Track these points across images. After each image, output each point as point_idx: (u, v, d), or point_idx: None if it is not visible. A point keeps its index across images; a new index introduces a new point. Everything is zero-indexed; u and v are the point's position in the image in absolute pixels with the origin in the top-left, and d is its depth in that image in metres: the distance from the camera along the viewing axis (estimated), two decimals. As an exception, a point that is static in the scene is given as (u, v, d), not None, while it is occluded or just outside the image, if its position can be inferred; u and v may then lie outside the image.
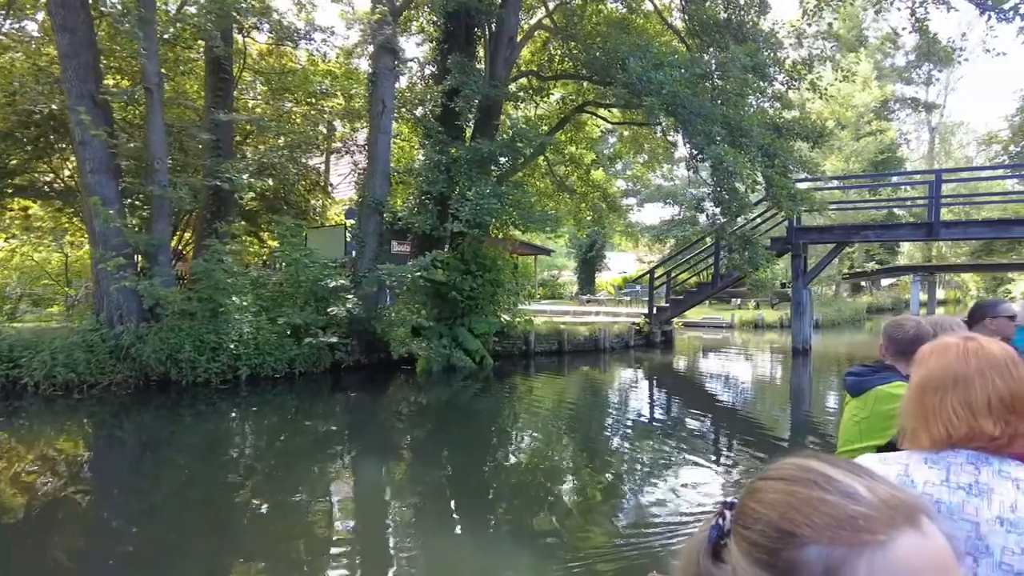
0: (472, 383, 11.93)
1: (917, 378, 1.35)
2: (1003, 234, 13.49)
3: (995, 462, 1.23)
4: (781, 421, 10.73)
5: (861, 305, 31.53)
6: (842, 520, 0.59)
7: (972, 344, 1.32)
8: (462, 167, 11.23)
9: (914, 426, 1.31)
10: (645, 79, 9.68)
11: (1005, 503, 1.18)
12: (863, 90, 30.33)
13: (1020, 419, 1.24)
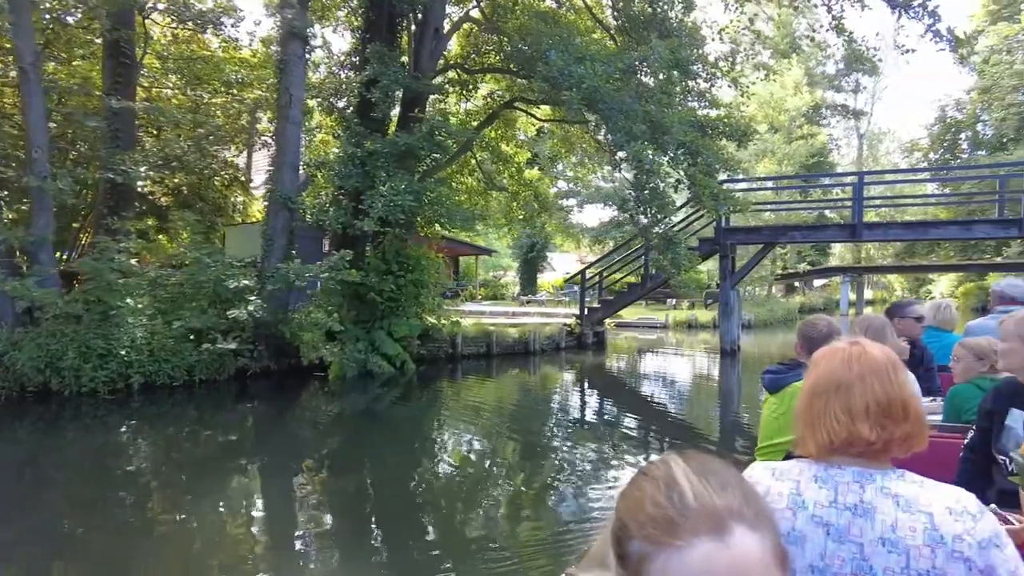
0: (391, 389, 11.36)
1: (806, 384, 1.38)
2: (921, 236, 13.76)
3: (878, 478, 1.26)
4: (710, 421, 10.62)
5: (793, 305, 32.26)
6: (657, 520, 0.64)
7: (856, 349, 1.34)
8: (378, 161, 10.64)
9: (802, 432, 1.34)
10: (566, 72, 9.34)
11: (887, 523, 1.20)
12: (795, 95, 31.01)
13: (895, 424, 1.26)
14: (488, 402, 11.06)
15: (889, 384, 1.30)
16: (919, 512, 1.20)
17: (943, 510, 1.19)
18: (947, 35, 10.53)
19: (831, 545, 1.24)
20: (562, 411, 10.87)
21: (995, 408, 2.28)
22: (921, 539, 1.18)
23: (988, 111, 37.86)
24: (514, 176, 15.75)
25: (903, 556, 1.18)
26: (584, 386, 13.40)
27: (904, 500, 1.22)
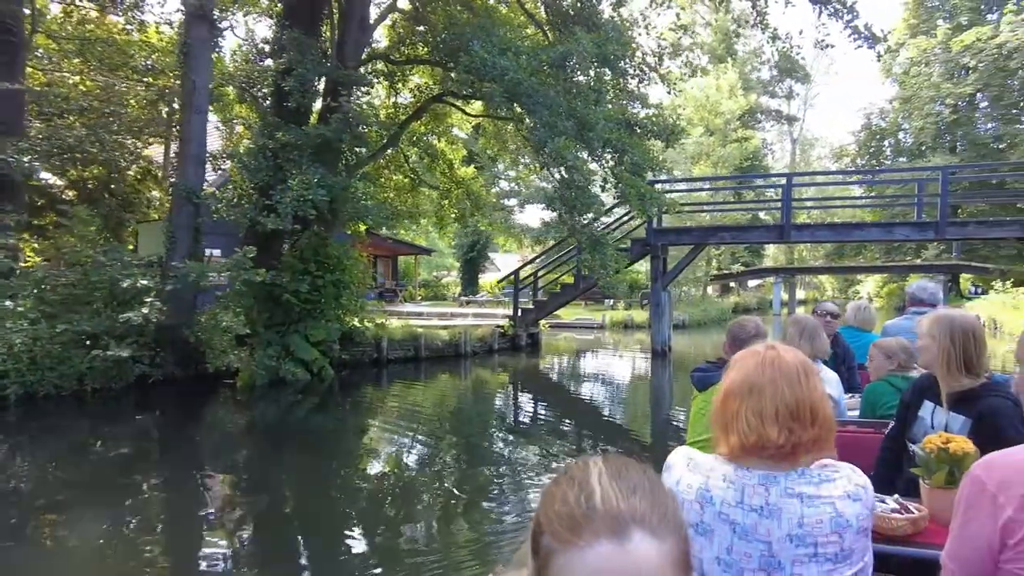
0: (308, 397, 10.72)
1: (723, 386, 1.42)
2: (845, 237, 13.98)
3: (782, 479, 1.31)
4: (642, 421, 10.50)
5: (727, 305, 32.84)
6: (564, 518, 0.66)
7: (770, 353, 1.39)
8: (291, 154, 9.99)
9: (717, 433, 1.39)
10: (490, 64, 8.94)
11: (793, 520, 1.27)
12: (730, 98, 31.54)
13: (803, 428, 1.30)
14: (415, 408, 10.60)
15: (799, 388, 1.33)
16: (823, 505, 1.27)
17: (843, 496, 1.28)
18: (865, 32, 10.65)
19: (737, 542, 1.30)
20: (493, 415, 10.51)
21: (912, 400, 2.44)
22: (828, 528, 1.26)
23: (908, 120, 39.54)
24: (446, 173, 15.25)
25: (811, 547, 1.25)
26: (517, 389, 13.05)
27: (807, 496, 1.29)
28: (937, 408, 2.33)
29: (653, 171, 10.79)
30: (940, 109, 37.68)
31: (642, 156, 9.78)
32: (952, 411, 2.25)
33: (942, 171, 12.71)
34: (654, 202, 10.41)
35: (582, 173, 9.06)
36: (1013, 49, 35.46)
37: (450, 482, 6.59)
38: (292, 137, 10.13)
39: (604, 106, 10.18)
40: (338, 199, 10.17)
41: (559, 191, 9.70)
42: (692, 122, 30.59)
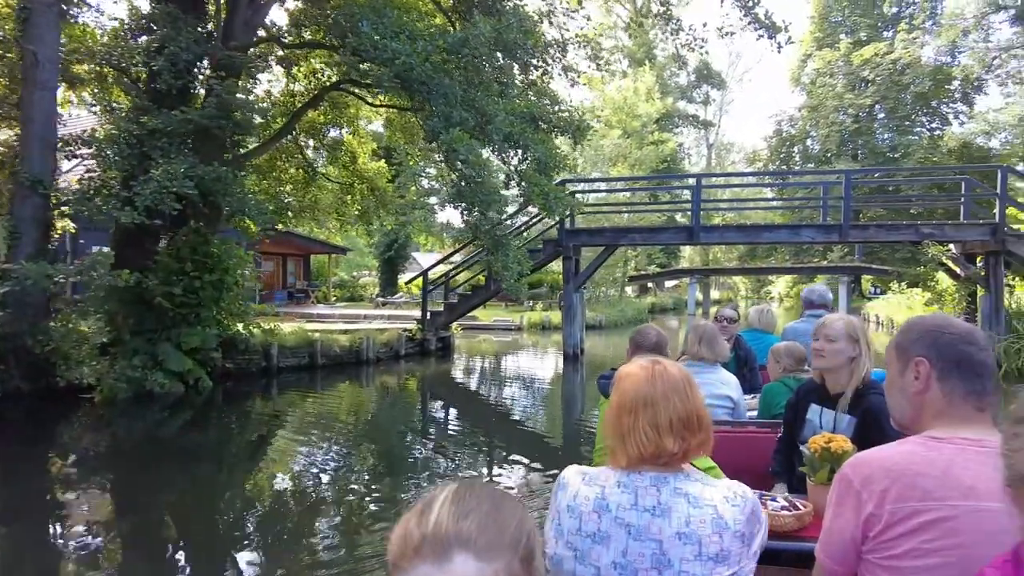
0: (180, 412, 9.63)
1: (615, 400, 1.49)
2: (754, 239, 14.01)
3: (672, 480, 1.41)
4: (553, 427, 9.98)
5: (644, 305, 33.13)
6: (397, 543, 0.69)
7: (658, 368, 1.48)
8: (158, 141, 8.89)
9: (612, 445, 1.46)
10: (381, 47, 8.19)
11: (681, 519, 1.36)
12: (647, 101, 31.81)
13: (692, 435, 1.43)
14: (308, 420, 9.71)
15: (687, 399, 1.45)
16: (706, 506, 1.37)
17: (723, 500, 1.38)
18: (766, 21, 10.58)
19: (633, 544, 1.37)
20: (396, 425, 9.77)
21: (798, 403, 2.58)
22: (710, 528, 1.35)
23: (816, 128, 41.25)
24: (348, 167, 14.28)
25: (696, 545, 1.34)
26: (424, 396, 12.31)
27: (693, 497, 1.39)
28: (824, 409, 2.47)
29: (558, 170, 10.27)
30: (843, 118, 39.45)
31: (546, 153, 9.22)
32: (842, 411, 2.40)
33: (845, 175, 12.91)
34: (561, 202, 9.90)
35: (474, 167, 8.39)
36: (906, 65, 37.56)
37: (347, 497, 6.12)
38: (160, 122, 9.02)
39: (511, 99, 9.61)
40: (215, 192, 9.13)
41: (456, 186, 9.03)
42: (611, 124, 30.66)
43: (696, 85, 53.72)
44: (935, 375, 1.32)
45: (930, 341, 1.34)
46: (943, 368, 1.32)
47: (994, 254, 12.09)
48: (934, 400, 1.32)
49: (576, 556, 1.41)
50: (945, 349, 1.32)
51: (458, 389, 13.01)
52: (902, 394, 1.38)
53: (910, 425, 1.39)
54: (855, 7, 43.21)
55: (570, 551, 1.42)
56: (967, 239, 12.46)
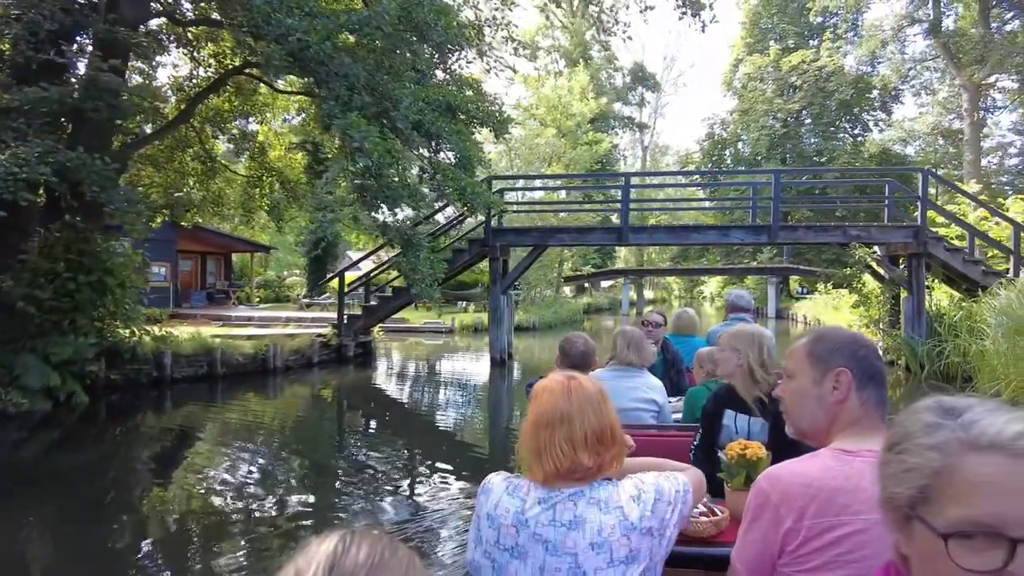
0: (45, 432, 8.44)
1: (532, 415, 1.49)
2: (683, 240, 13.71)
3: (587, 492, 1.42)
4: (478, 437, 9.28)
5: (580, 306, 32.85)
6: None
7: (574, 383, 1.49)
8: (14, 122, 7.70)
9: (530, 461, 1.46)
10: (275, 22, 7.28)
11: (594, 529, 1.38)
12: (581, 101, 31.52)
13: (607, 449, 1.45)
14: (203, 436, 8.73)
15: (601, 414, 1.46)
16: (614, 510, 1.40)
17: (628, 500, 1.41)
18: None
19: (549, 559, 1.38)
20: (304, 440, 8.84)
21: (714, 410, 2.68)
22: (619, 532, 1.38)
23: (747, 131, 42.07)
24: (256, 158, 13.14)
25: (607, 552, 1.36)
26: (338, 408, 11.38)
27: (603, 503, 1.40)
28: (738, 415, 2.53)
29: (477, 164, 9.44)
30: (773, 123, 40.36)
31: (459, 144, 8.44)
32: (754, 416, 2.46)
33: (774, 175, 12.71)
34: (480, 198, 9.15)
35: (371, 156, 7.49)
36: (830, 73, 38.72)
37: (248, 519, 5.50)
38: (19, 100, 7.82)
39: (427, 88, 8.82)
40: (84, 182, 7.98)
41: (360, 179, 8.17)
42: (545, 123, 30.21)
43: (631, 87, 54.10)
44: (855, 385, 1.37)
45: (849, 353, 1.39)
46: (861, 379, 1.37)
47: (916, 256, 12.11)
48: (851, 409, 1.37)
49: (494, 568, 1.43)
50: (863, 362, 1.39)
51: (377, 398, 12.11)
52: (818, 403, 1.40)
53: (816, 434, 1.42)
54: (783, 15, 44.32)
55: (488, 560, 1.44)
56: (891, 241, 12.45)
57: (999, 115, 39.09)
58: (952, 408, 0.82)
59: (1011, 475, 0.73)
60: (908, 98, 42.53)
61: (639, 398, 3.26)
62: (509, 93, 41.39)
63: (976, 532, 0.72)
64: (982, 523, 0.72)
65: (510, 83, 44.85)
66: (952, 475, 0.76)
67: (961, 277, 12.38)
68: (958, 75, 33.07)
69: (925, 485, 0.78)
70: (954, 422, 0.79)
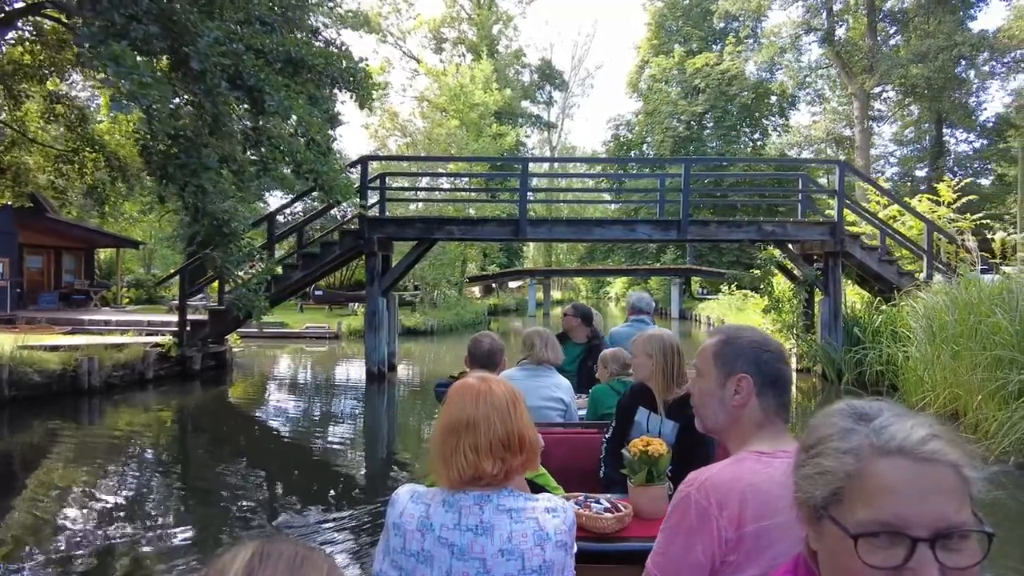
0: None
1: (442, 420, 1.48)
2: (584, 235, 12.29)
3: (495, 498, 1.41)
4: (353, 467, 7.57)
5: (482, 307, 31.23)
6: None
7: (483, 387, 1.47)
8: None
9: (436, 466, 1.45)
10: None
11: (504, 536, 1.37)
12: (484, 91, 29.93)
13: (514, 456, 1.41)
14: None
15: (509, 421, 1.42)
16: (528, 520, 1.39)
17: (544, 512, 1.41)
18: None
19: (456, 563, 1.36)
20: (129, 476, 6.70)
21: (628, 405, 2.78)
22: (532, 542, 1.37)
23: (651, 133, 42.06)
24: (73, 127, 10.55)
25: (519, 560, 1.35)
26: (175, 437, 8.99)
27: (515, 512, 1.40)
28: (651, 414, 2.66)
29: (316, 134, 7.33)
30: (676, 124, 40.47)
31: (284, 103, 6.36)
32: (666, 417, 2.60)
33: (684, 164, 11.51)
34: (326, 179, 7.16)
35: (152, 103, 5.45)
36: (732, 77, 39.21)
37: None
38: None
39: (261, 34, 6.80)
40: None
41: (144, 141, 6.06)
42: (447, 112, 28.43)
43: (539, 85, 53.21)
44: (755, 391, 1.40)
45: (752, 358, 1.41)
46: (762, 384, 1.40)
47: (833, 255, 11.26)
48: (752, 414, 1.40)
49: (401, 575, 1.40)
50: (765, 367, 1.40)
51: (223, 424, 9.83)
52: (720, 405, 1.43)
53: (720, 433, 1.47)
54: (687, 18, 44.73)
55: (395, 570, 1.42)
56: (807, 239, 11.53)
57: (883, 126, 40.92)
58: (864, 413, 0.87)
59: (915, 478, 0.78)
60: (803, 106, 43.52)
61: (548, 396, 3.38)
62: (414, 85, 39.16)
63: (882, 531, 0.77)
64: (888, 524, 0.77)
65: (415, 74, 43.01)
66: (863, 479, 0.80)
67: (875, 278, 11.65)
68: (849, 83, 34.07)
69: (838, 488, 0.82)
70: (866, 427, 0.84)
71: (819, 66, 39.90)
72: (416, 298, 25.89)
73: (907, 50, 31.10)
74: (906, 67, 29.37)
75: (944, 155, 35.93)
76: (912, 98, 34.52)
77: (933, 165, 35.88)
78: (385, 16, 41.33)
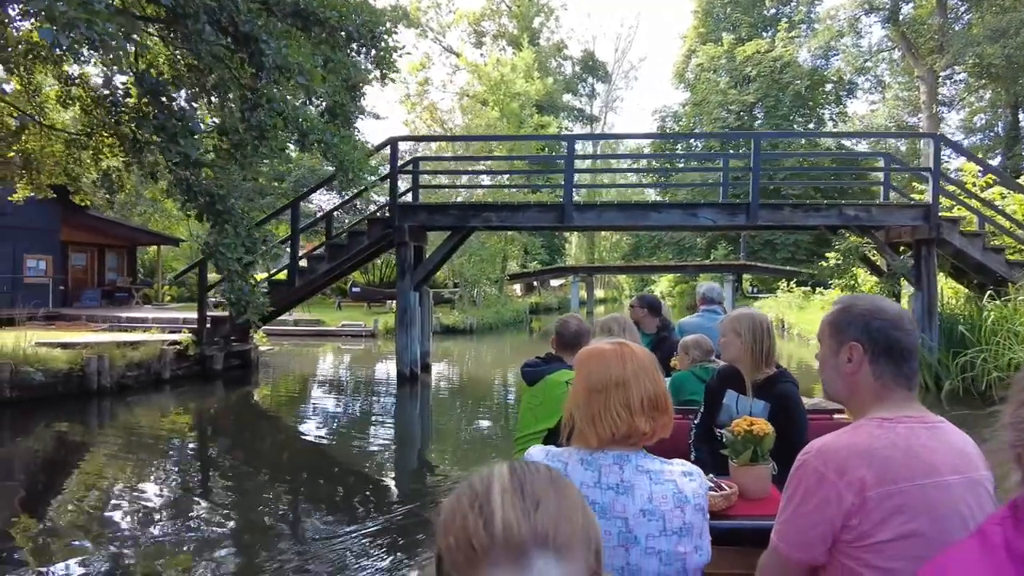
0: None
1: (581, 382, 1.48)
2: (639, 221, 11.02)
3: (633, 459, 1.42)
4: (380, 483, 6.55)
5: (523, 306, 30.11)
6: (461, 547, 0.61)
7: (626, 349, 1.48)
8: None
9: (582, 427, 1.45)
10: None
11: (644, 496, 1.37)
12: (525, 80, 28.80)
13: (661, 414, 1.44)
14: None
15: (656, 381, 1.45)
16: (667, 482, 1.39)
17: (681, 475, 1.41)
18: None
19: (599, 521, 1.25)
20: (127, 495, 5.75)
21: (716, 388, 2.76)
22: (672, 503, 1.37)
23: (700, 124, 40.34)
24: (90, 109, 9.79)
25: (660, 521, 1.35)
26: (184, 445, 8.06)
27: (654, 474, 1.40)
28: (740, 396, 2.64)
29: (318, 92, 6.23)
30: (726, 115, 38.67)
31: (280, 54, 5.26)
32: (755, 398, 2.58)
33: (754, 140, 10.15)
34: (335, 150, 6.09)
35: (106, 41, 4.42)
36: (785, 64, 37.21)
37: None
38: None
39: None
40: None
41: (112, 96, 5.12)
42: (486, 102, 27.43)
43: (581, 77, 51.85)
44: (867, 359, 1.39)
45: (863, 326, 1.40)
46: (874, 353, 1.38)
47: (926, 243, 9.73)
48: (866, 382, 1.39)
49: None
50: (877, 335, 1.39)
51: (243, 430, 8.94)
52: (836, 372, 1.44)
53: (842, 401, 1.47)
54: (736, 5, 42.82)
55: None
56: (896, 224, 10.01)
57: (949, 113, 38.27)
58: None
59: None
60: (861, 93, 41.15)
61: None
62: (454, 80, 38.28)
63: None
64: None
65: (455, 70, 42.20)
66: None
67: (977, 269, 10.09)
68: (916, 66, 31.81)
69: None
70: None
71: (880, 49, 37.62)
72: (455, 296, 24.99)
73: (981, 27, 28.71)
74: (981, 46, 27.09)
75: (1021, 141, 33.28)
76: (986, 80, 31.99)
77: (1008, 153, 33.30)
78: (424, 11, 40.66)
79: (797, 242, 33.23)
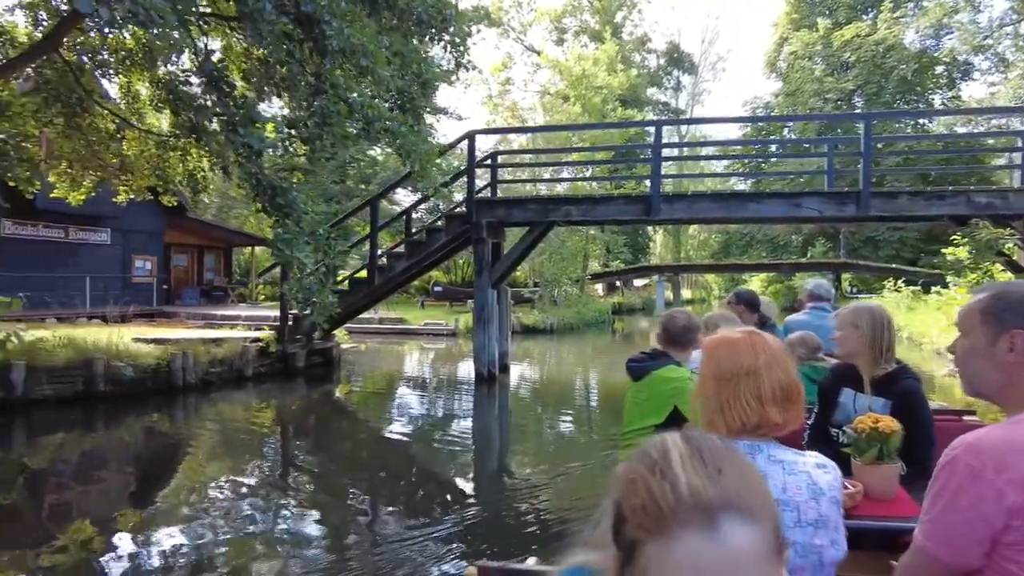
0: None
1: (710, 370, 1.44)
2: (736, 212, 10.18)
3: (765, 448, 1.38)
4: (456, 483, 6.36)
5: (606, 306, 29.32)
6: (648, 507, 0.60)
7: (757, 339, 1.44)
8: None
9: (711, 417, 1.42)
10: None
11: (778, 486, 1.32)
12: (608, 72, 28.02)
13: (792, 405, 1.40)
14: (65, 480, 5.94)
15: (788, 371, 1.41)
16: (800, 473, 1.35)
17: (815, 467, 1.37)
18: None
19: None
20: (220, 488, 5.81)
21: (830, 387, 2.63)
22: (807, 494, 1.32)
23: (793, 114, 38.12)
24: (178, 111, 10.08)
25: (795, 512, 1.31)
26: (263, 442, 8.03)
27: (788, 464, 1.36)
28: (858, 394, 2.51)
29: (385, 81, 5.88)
30: (822, 104, 36.40)
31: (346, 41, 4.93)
32: (874, 395, 2.45)
33: (864, 121, 9.15)
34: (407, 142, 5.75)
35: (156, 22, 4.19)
36: (889, 47, 34.59)
37: None
38: None
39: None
40: None
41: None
42: (568, 97, 26.89)
43: (666, 71, 50.30)
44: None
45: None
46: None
47: (1076, 233, 8.45)
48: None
49: None
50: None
51: (321, 426, 8.84)
52: (992, 363, 1.33)
53: (994, 395, 1.36)
54: (833, -14, 40.31)
55: None
56: (1036, 212, 8.75)
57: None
58: None
59: None
60: (978, 75, 37.59)
61: None
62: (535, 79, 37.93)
63: None
64: None
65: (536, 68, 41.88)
66: None
67: None
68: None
69: None
70: None
71: (1004, 23, 34.28)
72: (535, 295, 24.60)
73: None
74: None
75: None
76: None
77: None
78: (506, 10, 40.59)
79: (903, 239, 30.78)
